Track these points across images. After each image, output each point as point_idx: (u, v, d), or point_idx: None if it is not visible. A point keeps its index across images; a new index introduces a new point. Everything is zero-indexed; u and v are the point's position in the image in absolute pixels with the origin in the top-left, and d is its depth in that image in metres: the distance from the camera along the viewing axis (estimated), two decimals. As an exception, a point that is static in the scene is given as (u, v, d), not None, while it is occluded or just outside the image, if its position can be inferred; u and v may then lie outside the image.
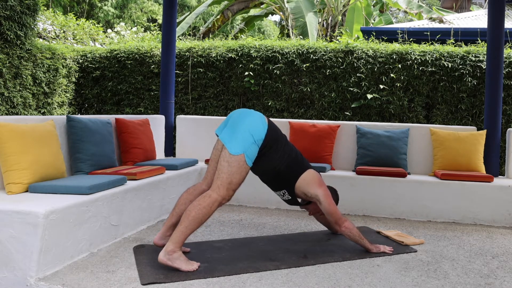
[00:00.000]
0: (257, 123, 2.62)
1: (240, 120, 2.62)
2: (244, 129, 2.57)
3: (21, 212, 2.35)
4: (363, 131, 4.54)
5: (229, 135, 2.59)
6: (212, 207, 2.52)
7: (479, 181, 4.00)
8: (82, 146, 3.42)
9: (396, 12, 24.32)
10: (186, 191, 2.87)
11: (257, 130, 2.60)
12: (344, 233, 2.89)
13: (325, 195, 2.83)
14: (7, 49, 5.63)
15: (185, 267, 2.48)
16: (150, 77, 6.76)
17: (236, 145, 2.55)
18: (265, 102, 6.33)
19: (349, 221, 2.90)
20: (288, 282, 2.40)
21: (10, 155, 2.75)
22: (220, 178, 2.54)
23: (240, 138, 2.56)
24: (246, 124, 2.59)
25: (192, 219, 2.49)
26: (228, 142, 2.57)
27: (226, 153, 2.56)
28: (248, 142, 2.57)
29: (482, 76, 5.73)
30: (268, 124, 2.69)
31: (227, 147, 2.56)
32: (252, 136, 2.58)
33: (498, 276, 2.62)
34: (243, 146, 2.55)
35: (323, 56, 6.15)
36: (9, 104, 5.69)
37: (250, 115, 2.65)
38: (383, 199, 4.09)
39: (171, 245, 2.49)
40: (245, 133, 2.57)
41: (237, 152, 2.54)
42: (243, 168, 2.57)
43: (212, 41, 6.86)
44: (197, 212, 2.49)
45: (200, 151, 5.11)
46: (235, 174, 2.55)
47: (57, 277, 2.38)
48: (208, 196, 2.53)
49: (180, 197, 2.86)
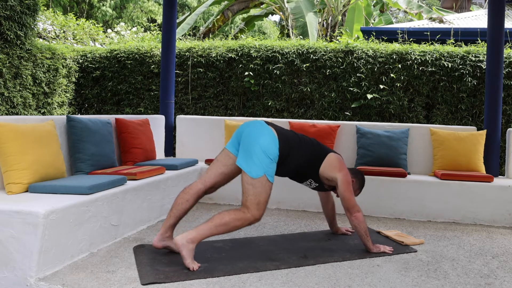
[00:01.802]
0: (269, 142, 2.66)
1: (252, 142, 2.65)
2: (258, 151, 2.62)
3: (21, 212, 2.35)
4: (363, 131, 4.54)
5: (245, 160, 2.64)
6: (243, 223, 2.59)
7: (479, 181, 4.00)
8: (82, 146, 3.42)
9: (396, 12, 24.33)
10: (183, 190, 2.86)
11: (271, 149, 2.65)
12: (353, 222, 2.90)
13: (343, 180, 2.87)
14: (7, 49, 5.63)
15: (189, 262, 2.51)
16: (150, 77, 6.76)
17: (255, 169, 2.60)
18: (265, 102, 6.33)
19: (362, 213, 2.91)
20: (288, 282, 2.40)
21: (10, 155, 2.75)
22: (248, 200, 2.60)
23: (257, 161, 2.61)
24: (260, 146, 2.62)
25: (225, 223, 2.55)
26: (246, 167, 2.62)
27: (247, 177, 2.61)
28: (265, 162, 2.62)
29: (482, 76, 5.73)
30: (278, 138, 2.71)
31: (246, 172, 2.61)
32: (267, 157, 2.63)
33: (498, 276, 2.62)
34: (262, 168, 2.61)
35: (323, 56, 6.15)
36: (9, 104, 5.69)
37: (260, 135, 2.67)
38: (383, 199, 4.09)
39: (194, 236, 2.53)
40: (261, 155, 2.62)
41: (258, 175, 2.60)
42: (267, 186, 2.64)
43: (212, 41, 6.86)
44: (230, 220, 2.56)
45: (200, 151, 5.11)
46: (261, 194, 2.61)
47: (57, 277, 2.38)
48: (243, 212, 2.60)
49: (177, 197, 2.85)
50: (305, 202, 4.25)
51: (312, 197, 4.14)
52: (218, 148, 5.04)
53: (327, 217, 3.38)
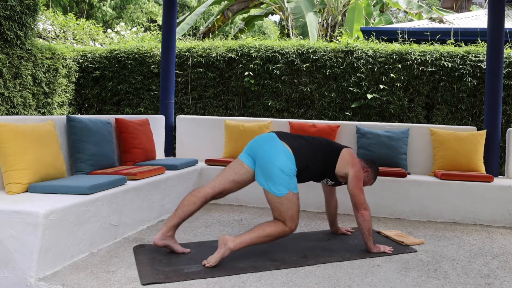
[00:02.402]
0: (285, 161, 2.70)
1: (269, 164, 2.69)
2: (276, 172, 2.68)
3: (21, 212, 2.35)
4: (363, 131, 4.54)
5: (265, 180, 2.71)
6: (282, 235, 2.72)
7: (479, 181, 4.00)
8: (82, 146, 3.42)
9: (396, 12, 24.33)
10: (191, 193, 2.86)
11: (288, 167, 2.70)
12: (358, 219, 2.92)
13: (354, 176, 2.91)
14: (7, 49, 5.63)
15: (212, 262, 2.58)
16: (150, 77, 6.76)
17: (278, 188, 2.68)
18: (265, 102, 6.33)
19: (369, 212, 2.92)
20: (288, 282, 2.40)
21: (10, 155, 2.75)
22: (281, 216, 2.71)
23: (278, 181, 2.68)
24: (277, 167, 2.68)
25: (267, 234, 2.67)
26: (269, 188, 2.70)
27: (272, 196, 2.69)
28: (286, 180, 2.69)
29: (482, 76, 5.73)
30: (293, 153, 2.75)
31: (271, 192, 2.69)
32: (287, 175, 2.69)
33: (498, 276, 2.62)
34: (284, 186, 2.68)
35: (323, 56, 6.15)
36: (9, 104, 5.69)
37: (276, 154, 2.70)
38: (383, 199, 4.09)
39: (236, 245, 2.60)
40: (280, 175, 2.68)
41: (283, 193, 2.68)
42: (294, 199, 2.72)
43: (212, 41, 6.86)
44: (271, 232, 2.68)
45: (200, 151, 5.11)
46: (291, 208, 2.70)
47: (57, 277, 2.38)
48: (282, 224, 2.71)
49: (185, 198, 2.85)
50: (305, 202, 4.24)
51: (312, 197, 4.14)
52: (218, 148, 5.05)
53: (329, 215, 3.38)
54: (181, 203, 2.84)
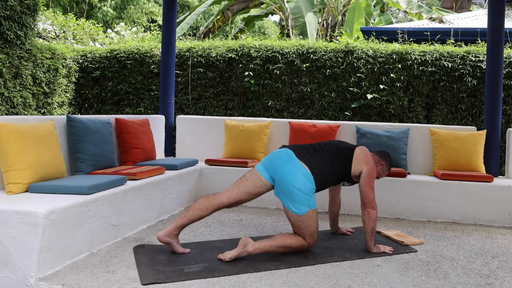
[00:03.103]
0: (305, 182, 2.76)
1: (289, 186, 2.74)
2: (297, 193, 2.74)
3: (21, 212, 2.35)
4: (363, 131, 4.54)
5: (286, 200, 2.77)
6: (301, 249, 2.84)
7: (479, 181, 4.00)
8: (82, 146, 3.42)
9: (396, 12, 24.33)
10: (206, 198, 2.85)
11: (308, 187, 2.77)
12: (364, 217, 2.94)
13: (367, 173, 2.95)
14: (7, 49, 5.63)
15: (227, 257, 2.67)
16: (150, 77, 6.76)
17: (299, 207, 2.75)
18: (265, 102, 6.33)
19: (376, 212, 2.95)
20: (288, 282, 2.40)
21: (10, 155, 2.75)
22: (301, 233, 2.81)
23: (299, 201, 2.74)
24: (297, 189, 2.74)
25: (286, 245, 2.77)
26: (289, 207, 2.76)
27: (293, 215, 2.76)
28: (306, 199, 2.76)
29: (482, 76, 5.73)
30: (311, 173, 2.79)
31: (292, 212, 2.76)
32: (307, 194, 2.76)
33: (498, 276, 2.62)
34: (305, 205, 2.76)
35: (323, 56, 6.15)
36: (9, 104, 5.69)
37: (295, 176, 2.75)
38: (383, 199, 4.09)
39: (255, 249, 2.69)
40: (300, 195, 2.74)
41: (304, 211, 2.75)
42: (314, 215, 2.80)
43: (212, 41, 6.86)
44: (291, 244, 2.78)
45: (200, 151, 5.11)
46: (311, 225, 2.80)
47: (57, 277, 2.38)
48: (302, 239, 2.81)
49: (198, 202, 2.85)
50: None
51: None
52: (218, 148, 5.05)
53: (331, 213, 3.38)
54: (193, 206, 2.84)
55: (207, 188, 4.49)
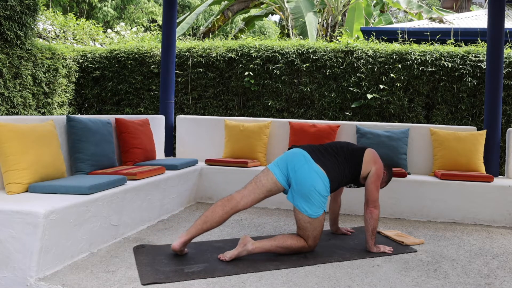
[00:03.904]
0: (322, 186, 2.77)
1: (309, 189, 2.74)
2: (316, 196, 2.75)
3: (21, 212, 2.35)
4: (363, 131, 4.54)
5: (302, 203, 2.76)
6: (300, 250, 2.84)
7: (479, 181, 4.00)
8: (82, 146, 3.42)
9: (396, 12, 24.33)
10: (222, 206, 2.77)
11: (324, 190, 2.78)
12: (366, 215, 2.95)
13: (374, 172, 2.96)
14: (7, 49, 5.63)
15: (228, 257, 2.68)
16: (150, 77, 6.76)
17: (315, 210, 2.76)
18: (265, 102, 6.33)
19: (378, 212, 2.96)
20: (288, 282, 2.40)
21: (10, 155, 2.75)
22: (306, 235, 2.82)
23: (316, 203, 2.76)
24: (316, 193, 2.75)
25: (286, 246, 2.78)
26: (305, 210, 2.76)
27: (305, 217, 2.77)
28: (323, 202, 2.79)
29: (482, 76, 5.73)
30: (327, 176, 2.80)
31: (306, 214, 2.76)
32: (324, 197, 2.78)
33: (498, 276, 2.62)
34: (321, 207, 2.78)
35: (323, 56, 6.15)
36: (9, 104, 5.69)
37: (314, 180, 2.75)
38: (383, 199, 4.08)
39: (255, 248, 2.70)
40: (319, 198, 2.76)
41: (318, 214, 2.77)
42: (323, 218, 2.82)
43: (212, 41, 6.86)
44: (291, 245, 2.79)
45: (200, 151, 5.11)
46: (317, 228, 2.82)
47: (57, 277, 2.38)
48: (303, 241, 2.83)
49: (215, 211, 2.76)
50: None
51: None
52: (218, 148, 5.05)
53: (332, 213, 3.39)
54: (210, 217, 2.75)
55: (207, 188, 4.50)
